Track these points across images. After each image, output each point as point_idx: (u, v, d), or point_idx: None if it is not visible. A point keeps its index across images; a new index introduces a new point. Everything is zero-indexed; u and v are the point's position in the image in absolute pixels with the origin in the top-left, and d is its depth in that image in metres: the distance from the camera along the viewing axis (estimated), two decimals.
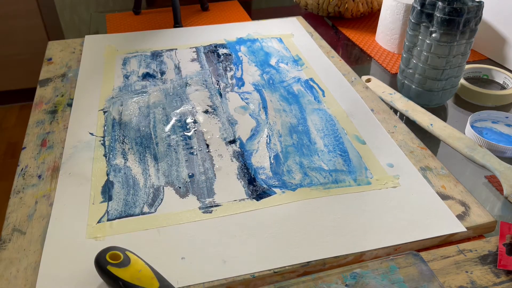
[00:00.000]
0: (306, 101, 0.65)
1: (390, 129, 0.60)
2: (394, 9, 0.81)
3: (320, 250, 0.43)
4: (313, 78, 0.71)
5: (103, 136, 0.58)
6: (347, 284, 0.39)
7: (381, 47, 0.87)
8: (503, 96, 0.68)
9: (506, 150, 0.57)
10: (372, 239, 0.44)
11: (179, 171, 0.53)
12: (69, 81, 0.70)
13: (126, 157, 0.55)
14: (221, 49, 0.80)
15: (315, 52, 0.79)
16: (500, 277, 0.41)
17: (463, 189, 0.50)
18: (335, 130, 0.59)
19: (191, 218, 0.46)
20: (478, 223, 0.46)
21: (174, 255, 0.42)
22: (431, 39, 0.62)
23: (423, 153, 0.55)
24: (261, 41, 0.82)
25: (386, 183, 0.51)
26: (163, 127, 0.60)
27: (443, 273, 0.41)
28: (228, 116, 0.62)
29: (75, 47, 0.81)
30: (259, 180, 0.51)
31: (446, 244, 0.45)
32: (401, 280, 0.39)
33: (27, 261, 0.42)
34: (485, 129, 0.62)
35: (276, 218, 0.46)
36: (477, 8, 0.60)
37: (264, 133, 0.59)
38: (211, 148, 0.56)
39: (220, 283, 0.40)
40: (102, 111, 0.63)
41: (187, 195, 0.49)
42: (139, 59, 0.76)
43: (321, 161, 0.54)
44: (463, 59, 0.64)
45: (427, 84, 0.65)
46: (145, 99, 0.66)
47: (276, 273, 0.41)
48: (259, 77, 0.71)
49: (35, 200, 0.49)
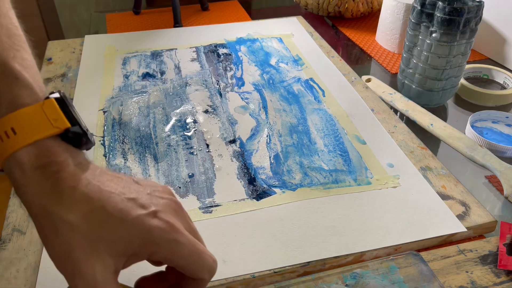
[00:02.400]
0: (306, 101, 0.65)
1: (390, 129, 0.60)
2: (394, 9, 0.81)
3: (320, 250, 0.43)
4: (313, 78, 0.71)
5: (103, 136, 0.58)
6: (347, 284, 0.39)
7: (381, 47, 0.87)
8: (503, 96, 0.68)
9: (506, 150, 0.57)
10: (372, 239, 0.44)
11: (179, 171, 0.52)
12: (69, 81, 0.70)
13: (126, 157, 0.55)
14: (221, 49, 0.80)
15: (315, 52, 0.79)
16: (500, 277, 0.40)
17: (463, 189, 0.50)
18: (335, 130, 0.59)
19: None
20: (478, 223, 0.46)
21: None
22: (431, 39, 0.62)
23: (423, 153, 0.55)
24: (261, 41, 0.82)
25: (386, 183, 0.51)
26: (163, 127, 0.60)
27: (443, 273, 0.41)
28: (228, 116, 0.62)
29: (75, 47, 0.81)
30: (259, 180, 0.51)
31: (446, 244, 0.45)
32: (401, 280, 0.39)
33: (27, 261, 0.42)
34: (485, 129, 0.62)
35: (276, 218, 0.46)
36: (477, 8, 0.60)
37: (264, 133, 0.59)
38: (211, 148, 0.56)
39: (220, 283, 0.40)
40: (102, 111, 0.63)
41: (187, 195, 0.49)
42: (139, 59, 0.76)
43: (321, 161, 0.54)
44: (463, 59, 0.64)
45: (427, 84, 0.65)
46: (145, 99, 0.66)
47: (276, 273, 0.41)
48: (259, 77, 0.71)
49: None
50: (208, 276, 0.32)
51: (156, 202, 0.30)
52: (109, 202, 0.28)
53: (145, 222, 0.28)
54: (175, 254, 0.29)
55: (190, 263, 0.30)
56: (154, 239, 0.28)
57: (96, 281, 0.27)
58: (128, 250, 0.28)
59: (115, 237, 0.28)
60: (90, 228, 0.27)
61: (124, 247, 0.28)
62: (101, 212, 0.27)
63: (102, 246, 0.27)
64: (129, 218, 0.28)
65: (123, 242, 0.28)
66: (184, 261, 0.30)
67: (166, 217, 0.30)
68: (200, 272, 0.31)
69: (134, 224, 0.28)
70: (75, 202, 0.27)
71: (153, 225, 0.28)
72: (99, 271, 0.27)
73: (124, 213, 0.28)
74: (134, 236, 0.28)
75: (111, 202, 0.28)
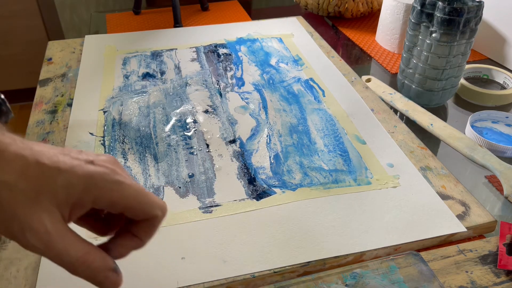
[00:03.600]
0: (306, 101, 0.65)
1: (390, 129, 0.60)
2: (394, 9, 0.81)
3: (320, 250, 0.43)
4: (313, 78, 0.71)
5: (103, 136, 0.58)
6: (347, 284, 0.39)
7: (381, 47, 0.87)
8: (503, 96, 0.68)
9: (506, 150, 0.57)
10: (372, 239, 0.44)
11: (179, 171, 0.53)
12: (69, 81, 0.70)
13: (126, 157, 0.55)
14: (221, 49, 0.80)
15: (315, 52, 0.79)
16: (500, 277, 0.40)
17: (463, 189, 0.50)
18: (335, 130, 0.59)
19: (191, 218, 0.46)
20: (478, 223, 0.46)
21: (174, 255, 0.42)
22: (431, 39, 0.62)
23: (423, 153, 0.55)
24: (261, 41, 0.82)
25: (386, 183, 0.51)
26: (163, 127, 0.60)
27: (443, 273, 0.41)
28: (228, 116, 0.62)
29: (75, 47, 0.81)
30: (259, 180, 0.51)
31: (446, 244, 0.45)
32: (401, 280, 0.39)
33: (27, 261, 0.42)
34: (485, 129, 0.62)
35: (276, 218, 0.46)
36: (477, 8, 0.60)
37: (264, 133, 0.59)
38: (211, 148, 0.56)
39: (220, 283, 0.40)
40: (102, 111, 0.63)
41: (187, 195, 0.49)
42: (139, 59, 0.76)
43: (321, 161, 0.54)
44: (463, 59, 0.64)
45: (427, 84, 0.65)
46: (145, 99, 0.66)
47: (276, 273, 0.41)
48: (259, 77, 0.71)
49: None
50: (161, 213, 0.31)
51: (93, 156, 0.30)
52: (43, 156, 0.27)
53: (84, 168, 0.28)
54: (121, 195, 0.29)
55: (138, 202, 0.30)
56: (96, 182, 0.28)
57: (48, 231, 0.27)
58: (71, 197, 0.28)
59: (55, 186, 0.27)
60: (28, 184, 0.27)
61: (66, 195, 0.27)
62: (36, 166, 0.27)
63: (44, 198, 0.27)
64: (66, 167, 0.28)
65: (64, 190, 0.27)
66: (132, 201, 0.29)
67: (105, 163, 0.29)
68: (151, 209, 0.30)
69: (73, 172, 0.28)
70: (7, 162, 0.26)
71: (92, 170, 0.28)
72: (47, 222, 0.27)
73: (61, 163, 0.28)
74: (75, 183, 0.28)
75: (45, 156, 0.27)
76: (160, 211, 0.31)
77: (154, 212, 0.30)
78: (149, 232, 0.31)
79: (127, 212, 0.30)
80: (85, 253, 0.28)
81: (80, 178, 0.28)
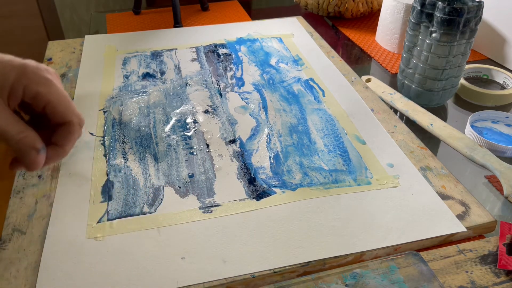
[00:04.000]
0: (306, 101, 0.65)
1: (390, 129, 0.60)
2: (394, 9, 0.81)
3: (320, 250, 0.43)
4: (313, 78, 0.71)
5: (103, 136, 0.58)
6: (347, 284, 0.39)
7: (381, 47, 0.87)
8: (503, 96, 0.68)
9: (506, 150, 0.57)
10: (372, 239, 0.44)
11: (179, 171, 0.53)
12: (69, 81, 0.70)
13: (126, 157, 0.55)
14: (221, 49, 0.80)
15: (315, 52, 0.79)
16: (500, 277, 0.41)
17: (463, 189, 0.50)
18: (335, 130, 0.59)
19: (191, 218, 0.46)
20: (478, 223, 0.46)
21: (174, 255, 0.42)
22: (431, 39, 0.62)
23: (423, 153, 0.55)
24: (261, 41, 0.82)
25: (386, 183, 0.51)
26: (163, 127, 0.60)
27: (443, 273, 0.41)
28: (228, 116, 0.62)
29: (75, 47, 0.81)
30: (259, 180, 0.51)
31: (446, 244, 0.45)
32: (401, 280, 0.39)
33: (27, 261, 0.42)
34: (485, 129, 0.62)
35: (276, 218, 0.46)
36: (477, 8, 0.60)
37: (264, 133, 0.59)
38: (211, 148, 0.56)
39: (220, 283, 0.40)
40: (102, 111, 0.63)
41: (187, 195, 0.49)
42: (139, 59, 0.76)
43: (321, 161, 0.54)
44: (463, 59, 0.64)
45: (427, 84, 0.65)
46: (145, 99, 0.66)
47: (276, 273, 0.41)
48: (259, 77, 0.71)
49: (35, 200, 0.49)
50: (76, 119, 0.36)
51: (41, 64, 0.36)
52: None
53: (20, 61, 0.34)
54: (47, 91, 0.34)
55: (60, 102, 0.35)
56: (28, 73, 0.34)
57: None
58: (6, 83, 0.33)
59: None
60: None
61: (2, 81, 0.33)
62: None
63: None
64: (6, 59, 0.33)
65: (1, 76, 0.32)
66: (55, 99, 0.35)
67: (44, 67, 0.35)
68: (69, 113, 0.36)
69: (9, 62, 0.33)
70: None
71: (27, 62, 0.34)
72: None
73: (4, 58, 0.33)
74: (9, 70, 0.33)
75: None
76: (76, 118, 0.36)
77: (70, 117, 0.36)
78: (67, 139, 0.36)
79: (48, 108, 0.35)
80: (24, 130, 0.34)
81: (15, 67, 0.33)
